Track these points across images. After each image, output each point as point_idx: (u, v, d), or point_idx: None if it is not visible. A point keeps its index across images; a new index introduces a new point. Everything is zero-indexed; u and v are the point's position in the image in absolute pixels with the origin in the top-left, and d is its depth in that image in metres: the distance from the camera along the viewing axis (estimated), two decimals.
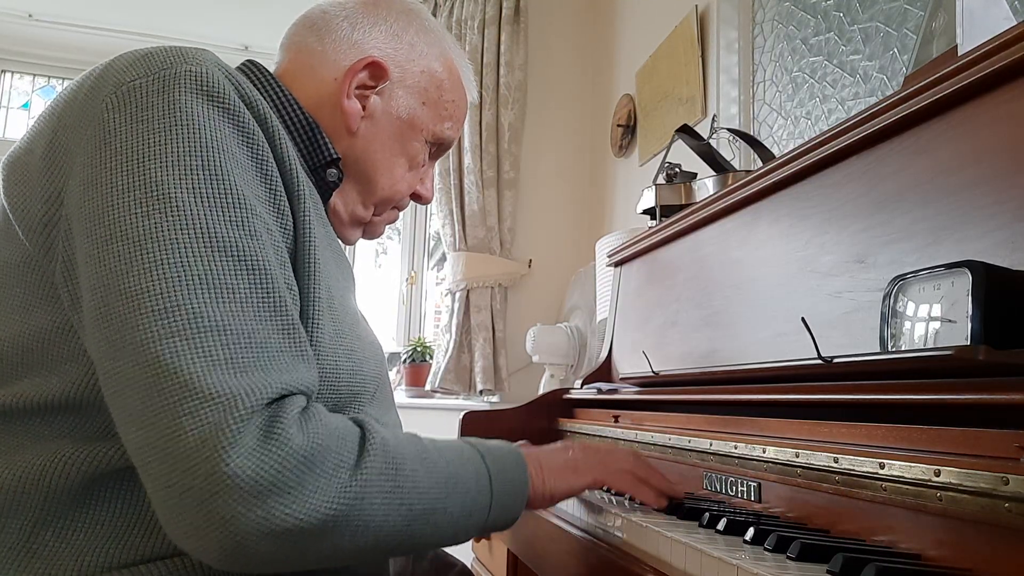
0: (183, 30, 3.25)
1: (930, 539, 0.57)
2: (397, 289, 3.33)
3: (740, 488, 0.82)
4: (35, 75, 3.47)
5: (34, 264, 0.64)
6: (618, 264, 1.57)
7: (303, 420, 0.58)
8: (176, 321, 0.55)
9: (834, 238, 0.87)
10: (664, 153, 1.72)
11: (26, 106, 3.46)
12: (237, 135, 0.64)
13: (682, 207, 1.36)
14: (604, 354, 1.53)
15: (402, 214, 0.95)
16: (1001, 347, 0.55)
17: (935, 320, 0.65)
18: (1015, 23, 0.67)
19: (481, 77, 2.96)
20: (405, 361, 3.07)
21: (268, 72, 0.81)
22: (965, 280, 0.61)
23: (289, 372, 0.59)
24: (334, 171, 0.81)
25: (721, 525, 0.70)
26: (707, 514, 0.75)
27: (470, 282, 2.91)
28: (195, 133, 0.60)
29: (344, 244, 0.88)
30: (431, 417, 2.89)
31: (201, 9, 3.21)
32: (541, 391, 2.30)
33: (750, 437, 0.80)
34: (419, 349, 3.06)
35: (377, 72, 0.82)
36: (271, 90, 0.79)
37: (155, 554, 0.62)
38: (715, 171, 1.49)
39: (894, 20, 1.60)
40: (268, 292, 0.60)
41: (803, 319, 0.74)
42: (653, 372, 1.13)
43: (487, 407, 2.49)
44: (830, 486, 0.67)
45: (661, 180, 1.54)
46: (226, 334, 0.56)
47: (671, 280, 1.30)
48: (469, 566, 1.05)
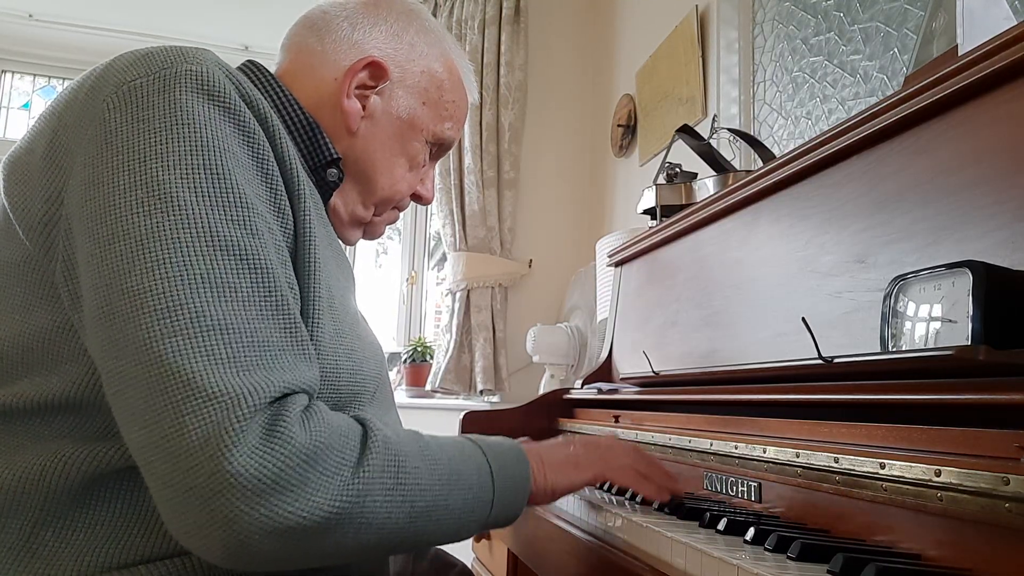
0: (183, 30, 3.25)
1: (930, 539, 0.57)
2: (397, 289, 3.33)
3: (740, 488, 0.82)
4: (35, 75, 3.48)
5: (34, 264, 0.64)
6: (618, 264, 1.57)
7: (305, 418, 0.58)
8: (178, 320, 0.55)
9: (834, 238, 0.87)
10: (664, 153, 1.72)
11: (26, 106, 3.46)
12: (238, 134, 0.64)
13: (682, 207, 1.36)
14: (604, 354, 1.53)
15: (402, 214, 0.95)
16: (1001, 347, 0.55)
17: (935, 320, 0.65)
18: (1015, 23, 0.67)
19: (481, 77, 2.96)
20: (405, 361, 3.07)
21: (268, 72, 0.81)
22: (965, 280, 0.61)
23: (291, 371, 0.59)
24: (334, 171, 0.81)
25: (721, 525, 0.70)
26: (707, 514, 0.74)
27: (470, 282, 2.91)
28: (196, 132, 0.60)
29: (344, 244, 0.88)
30: (431, 417, 2.89)
31: (201, 9, 3.21)
32: (541, 391, 2.30)
33: (750, 437, 0.80)
34: (419, 349, 3.06)
35: (377, 72, 0.82)
36: (271, 90, 0.79)
37: (155, 554, 0.62)
38: (715, 171, 1.49)
39: (894, 20, 1.60)
40: (270, 291, 0.60)
41: (803, 319, 0.74)
42: (653, 372, 1.13)
43: (487, 407, 2.49)
44: (830, 486, 0.67)
45: (661, 180, 1.54)
46: (228, 333, 0.56)
47: (671, 280, 1.30)
48: (469, 566, 1.05)
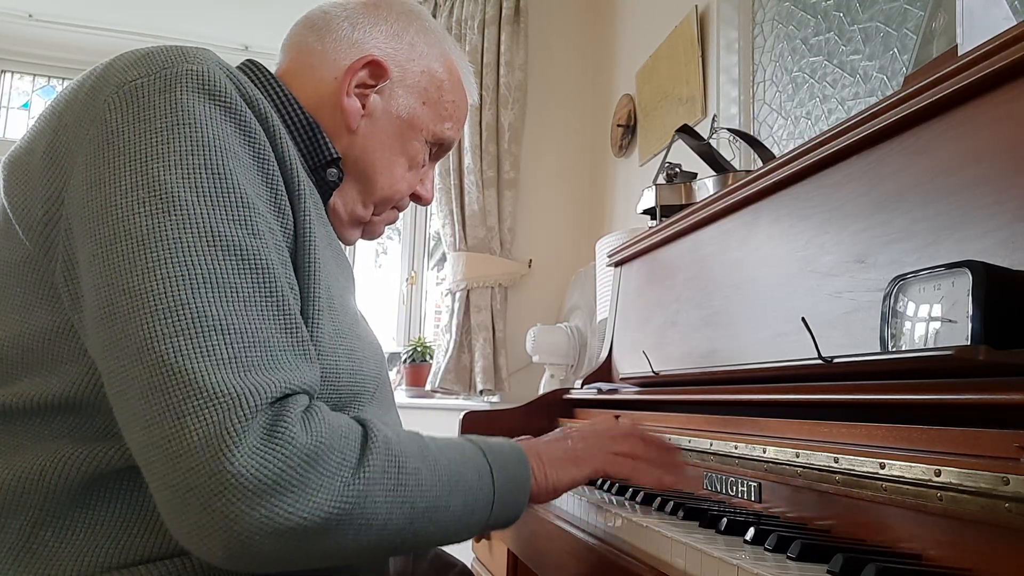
0: (183, 30, 3.25)
1: (930, 539, 0.57)
2: (397, 289, 3.33)
3: (740, 488, 0.82)
4: (35, 75, 3.48)
5: (34, 264, 0.64)
6: (618, 264, 1.57)
7: (306, 419, 0.58)
8: (180, 320, 0.55)
9: (834, 238, 0.87)
10: (664, 153, 1.72)
11: (26, 106, 3.46)
12: (239, 134, 0.64)
13: (682, 207, 1.36)
14: (604, 354, 1.53)
15: (402, 214, 0.95)
16: (1001, 347, 0.55)
17: (935, 320, 0.65)
18: (1015, 23, 0.67)
19: (481, 77, 2.96)
20: (405, 361, 3.07)
21: (268, 72, 0.81)
22: (965, 280, 0.61)
23: (292, 371, 0.59)
24: (334, 171, 0.81)
25: (721, 525, 0.70)
26: (707, 514, 0.74)
27: (470, 282, 2.91)
28: (197, 132, 0.60)
29: (344, 244, 0.88)
30: (431, 417, 2.89)
31: (201, 9, 3.21)
32: (541, 391, 2.30)
33: (750, 437, 0.80)
34: (419, 349, 3.06)
35: (377, 71, 0.82)
36: (271, 89, 0.79)
37: (155, 554, 0.62)
38: (715, 171, 1.49)
39: (894, 20, 1.60)
40: (271, 291, 0.60)
41: (803, 319, 0.74)
42: (653, 372, 1.13)
43: (487, 407, 2.49)
44: (830, 486, 0.67)
45: (661, 180, 1.54)
46: (230, 333, 0.56)
47: (671, 280, 1.30)
48: (469, 566, 1.05)
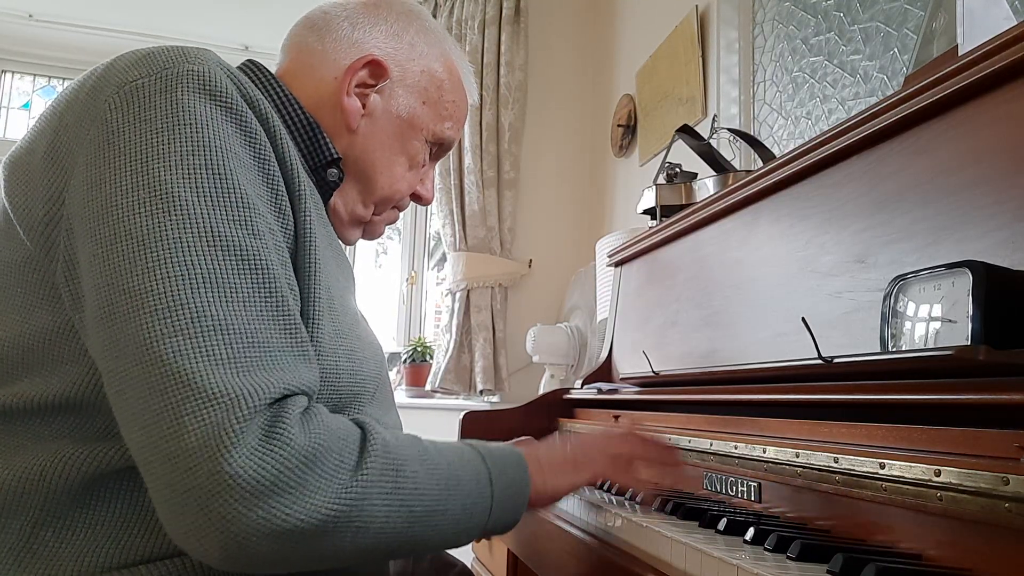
0: (183, 30, 3.25)
1: (930, 539, 0.57)
2: (397, 289, 3.33)
3: (740, 488, 0.82)
4: (35, 75, 3.48)
5: (35, 264, 0.64)
6: (618, 264, 1.57)
7: (305, 420, 0.58)
8: (179, 320, 0.55)
9: (834, 238, 0.87)
10: (664, 153, 1.72)
11: (26, 106, 3.46)
12: (240, 134, 0.64)
13: (682, 207, 1.36)
14: (604, 354, 1.53)
15: (402, 214, 0.95)
16: (1001, 347, 0.55)
17: (935, 320, 0.65)
18: (1015, 23, 0.67)
19: (481, 77, 2.96)
20: (405, 361, 3.07)
21: (269, 72, 0.81)
22: (965, 280, 0.61)
23: (291, 372, 0.59)
24: (335, 171, 0.81)
25: (721, 525, 0.70)
26: (707, 514, 0.74)
27: (470, 282, 2.91)
28: (198, 132, 0.60)
29: (344, 244, 0.88)
30: (431, 417, 2.89)
31: (201, 9, 3.21)
32: (541, 391, 2.30)
33: (750, 437, 0.80)
34: (419, 349, 3.06)
35: (377, 71, 0.82)
36: (272, 90, 0.79)
37: (155, 554, 0.62)
38: (715, 171, 1.49)
39: (894, 20, 1.60)
40: (271, 292, 0.60)
41: (803, 319, 0.74)
42: (653, 372, 1.13)
43: (487, 407, 2.48)
44: (830, 486, 0.67)
45: (661, 180, 1.54)
46: (229, 333, 0.56)
47: (671, 280, 1.30)
48: (469, 566, 1.05)
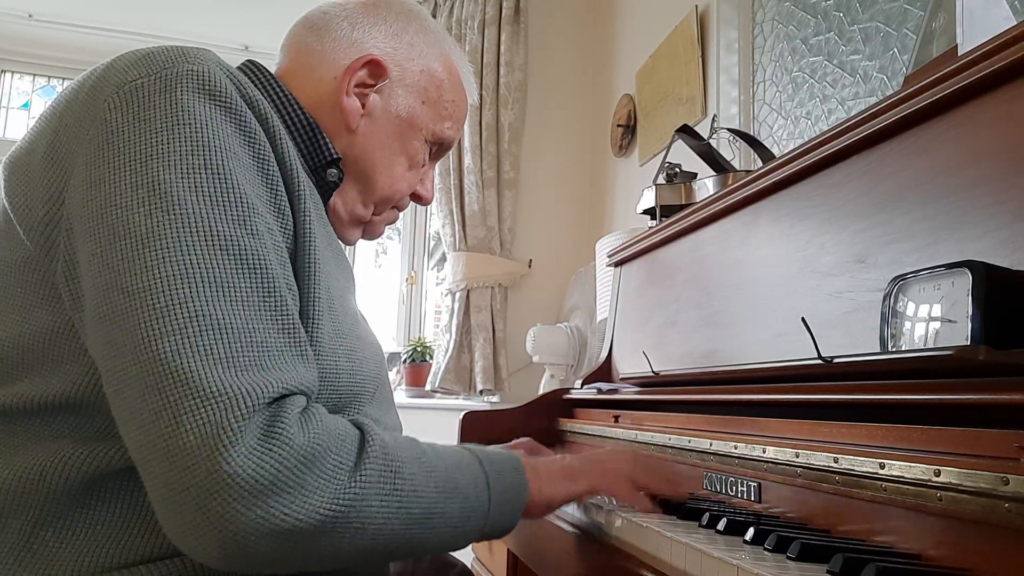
0: (183, 30, 3.25)
1: (930, 539, 0.57)
2: (397, 289, 3.33)
3: (740, 488, 0.82)
4: (35, 75, 3.48)
5: (35, 264, 0.64)
6: (618, 264, 1.57)
7: (303, 420, 0.58)
8: (177, 319, 0.55)
9: (834, 238, 0.87)
10: (664, 153, 1.72)
11: (26, 106, 3.46)
12: (239, 134, 0.64)
13: (682, 207, 1.36)
14: (604, 354, 1.53)
15: (402, 214, 0.95)
16: (1001, 347, 0.55)
17: (935, 320, 0.65)
18: (1015, 23, 0.67)
19: (481, 77, 2.96)
20: (405, 361, 3.07)
21: (268, 72, 0.81)
22: (965, 280, 0.61)
23: (289, 372, 0.59)
24: (334, 171, 0.81)
25: (721, 525, 0.70)
26: (707, 514, 0.74)
27: (470, 282, 2.91)
28: (197, 132, 0.60)
29: (344, 244, 0.88)
30: (431, 417, 2.89)
31: (201, 9, 3.21)
32: (541, 391, 2.30)
33: (750, 437, 0.80)
34: (419, 349, 3.06)
35: (376, 70, 0.82)
36: (271, 90, 0.79)
37: (155, 554, 0.62)
38: (715, 171, 1.49)
39: (894, 20, 1.60)
40: (269, 291, 0.60)
41: (803, 319, 0.74)
42: (653, 372, 1.13)
43: (487, 407, 2.48)
44: (830, 486, 0.66)
45: (661, 180, 1.54)
46: (227, 332, 0.56)
47: (671, 280, 1.30)
48: (469, 566, 1.05)
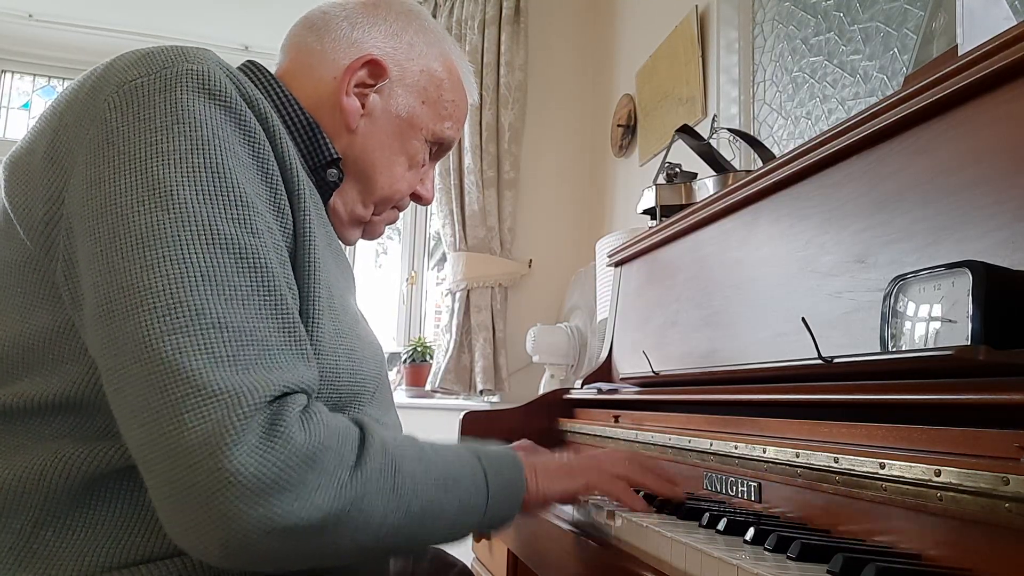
0: (183, 30, 3.25)
1: (930, 539, 0.57)
2: (397, 289, 3.33)
3: (740, 488, 0.82)
4: (35, 75, 3.48)
5: (35, 263, 0.64)
6: (618, 264, 1.57)
7: (304, 419, 0.58)
8: (178, 318, 0.55)
9: (834, 238, 0.87)
10: (664, 153, 1.72)
11: (26, 106, 3.46)
12: (239, 134, 0.64)
13: (682, 207, 1.36)
14: (604, 354, 1.53)
15: (402, 214, 0.95)
16: (1001, 347, 0.55)
17: (935, 320, 0.65)
18: (1015, 23, 0.67)
19: (481, 77, 2.96)
20: (405, 361, 3.07)
21: (268, 72, 0.81)
22: (965, 280, 0.61)
23: (290, 370, 0.59)
24: (334, 171, 0.81)
25: (721, 525, 0.70)
26: (707, 514, 0.74)
27: (470, 282, 2.91)
28: (197, 131, 0.61)
29: (344, 244, 0.88)
30: (431, 417, 2.89)
31: (201, 9, 3.21)
32: (541, 391, 2.30)
33: (750, 437, 0.80)
34: (419, 349, 3.06)
35: (376, 70, 0.83)
36: (271, 90, 0.79)
37: (156, 554, 0.62)
38: (715, 171, 1.49)
39: (894, 20, 1.60)
40: (269, 290, 0.60)
41: (803, 319, 0.74)
42: (653, 372, 1.13)
43: (487, 407, 2.48)
44: (830, 486, 0.67)
45: (661, 180, 1.54)
46: (228, 331, 0.56)
47: (671, 280, 1.30)
48: (469, 566, 1.05)
